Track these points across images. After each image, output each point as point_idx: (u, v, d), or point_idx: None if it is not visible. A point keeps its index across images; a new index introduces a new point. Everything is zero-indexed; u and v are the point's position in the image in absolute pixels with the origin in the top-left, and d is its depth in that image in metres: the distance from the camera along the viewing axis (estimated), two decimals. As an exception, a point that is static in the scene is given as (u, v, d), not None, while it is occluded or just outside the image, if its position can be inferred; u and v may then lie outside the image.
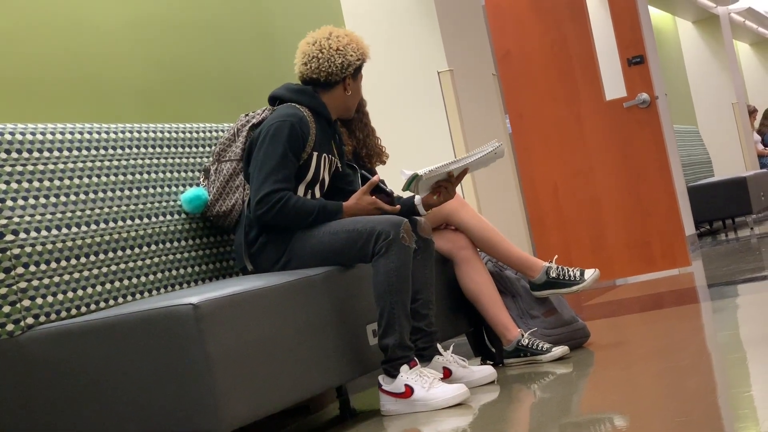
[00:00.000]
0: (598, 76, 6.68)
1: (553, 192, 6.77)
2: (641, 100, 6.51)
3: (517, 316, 3.94)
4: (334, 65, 3.53)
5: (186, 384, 2.66)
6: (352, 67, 3.57)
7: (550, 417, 2.86)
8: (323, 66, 3.54)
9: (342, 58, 3.54)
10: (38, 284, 2.89)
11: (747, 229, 9.50)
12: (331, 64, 3.53)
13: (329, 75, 3.55)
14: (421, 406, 3.19)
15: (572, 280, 3.88)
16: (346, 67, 3.56)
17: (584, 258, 6.60)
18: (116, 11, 3.88)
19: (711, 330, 4.09)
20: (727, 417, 2.53)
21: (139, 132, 3.52)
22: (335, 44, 3.55)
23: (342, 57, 3.54)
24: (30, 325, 2.85)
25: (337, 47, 3.54)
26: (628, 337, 4.17)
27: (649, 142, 6.50)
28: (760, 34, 16.05)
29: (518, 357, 3.84)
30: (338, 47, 3.55)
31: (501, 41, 6.85)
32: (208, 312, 2.69)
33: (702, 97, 12.07)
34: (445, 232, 3.98)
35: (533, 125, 6.81)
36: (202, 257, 3.58)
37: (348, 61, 3.55)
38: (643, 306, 5.27)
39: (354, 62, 3.57)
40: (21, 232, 2.89)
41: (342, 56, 3.54)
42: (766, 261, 6.29)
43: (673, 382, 3.03)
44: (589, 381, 3.44)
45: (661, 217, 6.54)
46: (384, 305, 3.21)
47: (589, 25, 6.69)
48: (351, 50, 3.56)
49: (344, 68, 3.55)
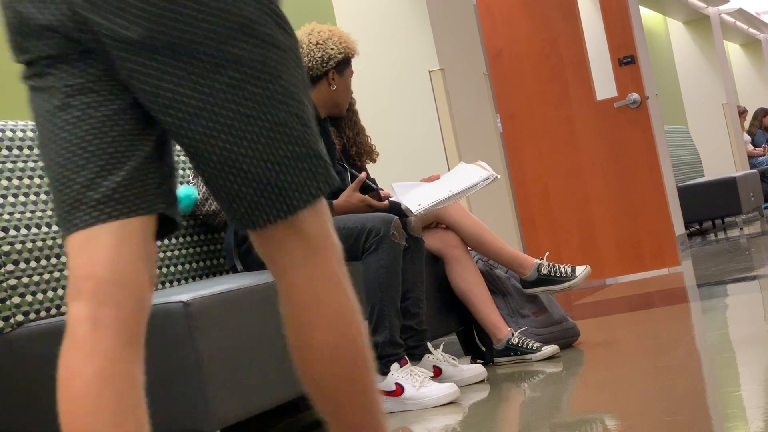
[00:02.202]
0: (589, 76, 6.69)
1: (544, 191, 6.78)
2: (632, 100, 6.52)
3: (507, 315, 3.94)
4: (314, 59, 3.54)
5: (175, 382, 2.66)
6: (334, 60, 3.57)
7: (539, 416, 2.86)
8: (303, 61, 3.54)
9: (322, 51, 3.54)
10: (28, 281, 2.89)
11: (737, 229, 9.52)
12: (311, 59, 3.54)
13: (310, 69, 3.55)
14: (412, 404, 3.19)
15: (564, 276, 3.88)
16: (327, 61, 3.55)
17: (574, 258, 6.60)
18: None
19: (700, 330, 4.10)
20: (716, 416, 2.54)
21: (129, 129, 3.51)
22: (315, 38, 3.56)
23: (322, 51, 3.54)
24: (20, 323, 2.85)
25: (317, 41, 3.55)
26: (617, 337, 4.17)
27: (640, 142, 6.51)
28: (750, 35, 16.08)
29: (508, 356, 3.84)
30: (318, 41, 3.55)
31: (492, 41, 6.85)
32: (198, 310, 2.69)
33: (692, 98, 12.10)
34: (436, 230, 3.98)
35: (524, 125, 6.82)
36: (192, 255, 3.57)
37: (328, 55, 3.55)
38: (633, 305, 5.28)
39: (335, 56, 3.56)
40: (11, 229, 2.88)
41: (322, 50, 3.54)
42: (755, 261, 6.31)
43: (663, 381, 3.03)
44: (579, 380, 3.44)
45: (651, 216, 6.55)
46: (374, 302, 3.21)
47: (580, 25, 6.70)
48: (332, 44, 3.56)
49: (325, 62, 3.55)
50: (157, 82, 1.42)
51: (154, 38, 1.41)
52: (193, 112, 1.43)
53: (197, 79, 1.43)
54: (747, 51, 16.68)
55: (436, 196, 3.51)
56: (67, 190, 1.44)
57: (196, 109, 1.43)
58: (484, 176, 3.60)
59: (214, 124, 1.43)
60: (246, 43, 1.44)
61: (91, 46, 1.44)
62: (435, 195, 3.53)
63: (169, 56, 1.42)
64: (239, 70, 1.44)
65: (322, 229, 1.55)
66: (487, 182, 3.60)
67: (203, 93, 1.43)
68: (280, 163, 1.47)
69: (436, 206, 3.51)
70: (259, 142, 1.45)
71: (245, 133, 1.44)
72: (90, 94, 1.44)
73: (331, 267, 1.57)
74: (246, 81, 1.44)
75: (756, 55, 16.68)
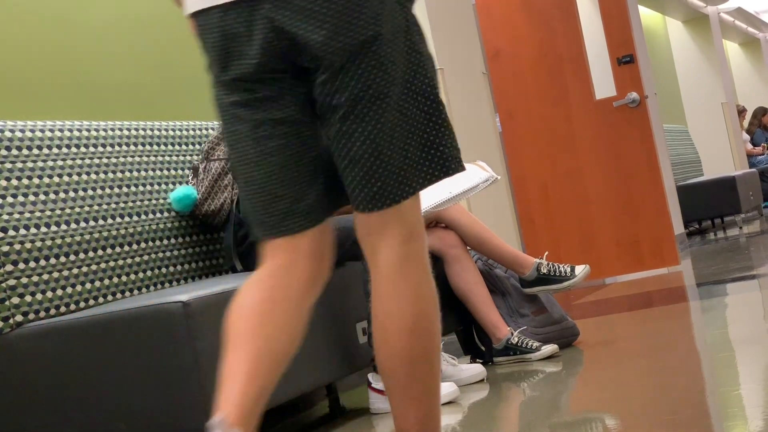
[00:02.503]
0: (587, 75, 6.69)
1: (543, 191, 6.78)
2: (631, 99, 6.52)
3: (506, 315, 3.94)
4: None
5: (175, 382, 2.66)
6: None
7: (539, 415, 2.86)
8: None
9: None
10: (27, 281, 2.88)
11: (736, 229, 9.53)
12: None
13: None
14: (411, 404, 3.18)
15: (563, 275, 3.88)
16: None
17: (573, 257, 6.61)
18: (106, 8, 3.86)
19: (700, 329, 4.10)
20: (716, 415, 2.54)
21: (128, 129, 3.51)
22: None
23: None
24: (19, 323, 2.84)
25: None
26: (617, 336, 4.17)
27: (639, 141, 6.51)
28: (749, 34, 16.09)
29: (508, 355, 3.84)
30: None
31: (491, 40, 6.85)
32: (197, 310, 2.69)
33: (691, 97, 12.10)
34: (436, 229, 3.98)
35: (523, 124, 6.82)
36: (191, 255, 3.57)
37: None
38: (632, 305, 5.28)
39: None
40: (10, 229, 2.88)
41: None
42: (754, 260, 6.31)
43: (662, 380, 3.03)
44: (578, 379, 3.44)
45: (650, 216, 6.55)
46: (374, 303, 3.21)
47: (579, 24, 6.70)
48: None
49: None
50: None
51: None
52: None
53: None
54: (746, 50, 16.69)
55: (435, 199, 3.52)
56: (278, 201, 1.81)
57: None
58: (484, 178, 3.60)
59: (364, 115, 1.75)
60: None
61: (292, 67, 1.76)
62: (435, 197, 3.53)
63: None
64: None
65: (418, 217, 1.84)
66: (487, 184, 3.60)
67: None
68: (409, 152, 1.78)
69: (436, 208, 3.51)
70: (396, 132, 1.76)
71: (388, 123, 1.75)
72: (286, 124, 1.78)
73: (422, 251, 1.85)
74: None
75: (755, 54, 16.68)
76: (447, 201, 3.53)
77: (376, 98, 1.73)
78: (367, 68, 1.72)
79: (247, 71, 1.76)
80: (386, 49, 1.73)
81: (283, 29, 1.70)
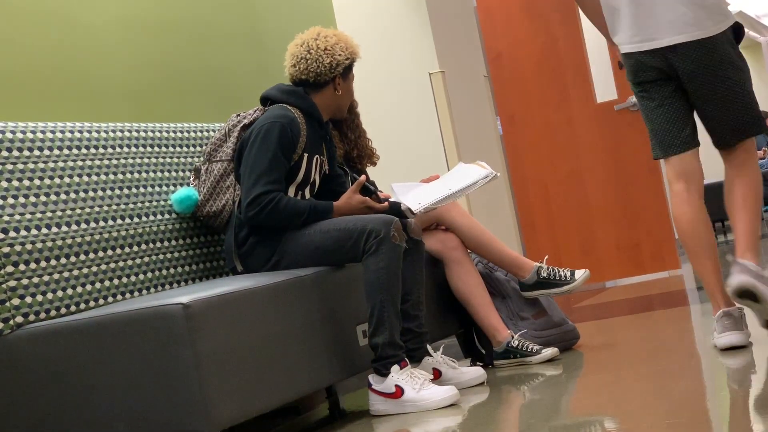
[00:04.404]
0: (589, 78, 6.69)
1: (544, 194, 6.78)
2: (632, 102, 6.52)
3: (506, 318, 3.94)
4: (322, 65, 3.53)
5: (175, 384, 2.66)
6: (341, 66, 3.57)
7: (539, 419, 2.86)
8: (312, 67, 3.54)
9: (330, 57, 3.54)
10: (28, 283, 2.89)
11: (736, 232, 9.51)
12: (320, 65, 3.53)
13: (318, 75, 3.55)
14: (411, 407, 3.18)
15: (563, 280, 3.88)
16: (335, 67, 3.55)
17: (574, 260, 6.61)
18: (107, 9, 3.87)
19: (700, 333, 4.10)
20: (716, 419, 2.54)
21: (129, 131, 3.51)
22: (323, 44, 3.55)
23: (330, 57, 3.54)
24: (19, 324, 2.85)
25: (325, 47, 3.54)
26: (617, 340, 4.17)
27: (640, 144, 6.51)
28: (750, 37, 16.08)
29: (508, 358, 3.84)
30: (326, 47, 3.55)
31: (492, 43, 6.86)
32: (198, 312, 2.69)
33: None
34: (436, 232, 3.98)
35: (524, 127, 6.82)
36: (192, 257, 3.58)
37: (337, 61, 3.55)
38: (633, 308, 5.28)
39: (343, 61, 3.56)
40: (10, 230, 2.88)
41: (330, 56, 3.54)
42: (755, 264, 6.30)
43: (662, 384, 3.03)
44: (579, 383, 3.44)
45: (650, 219, 6.55)
46: (374, 303, 3.21)
47: (580, 27, 6.71)
48: (339, 50, 3.56)
49: (333, 68, 3.55)
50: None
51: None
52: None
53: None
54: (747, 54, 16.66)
55: (435, 195, 3.52)
56: (672, 137, 3.49)
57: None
58: (484, 174, 3.60)
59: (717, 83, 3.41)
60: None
61: (672, 74, 3.42)
62: (435, 194, 3.53)
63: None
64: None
65: (750, 152, 3.50)
66: (486, 180, 3.60)
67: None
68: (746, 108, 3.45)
69: (436, 205, 3.51)
70: (737, 96, 3.43)
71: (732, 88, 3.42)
72: (671, 98, 3.46)
73: (756, 164, 3.53)
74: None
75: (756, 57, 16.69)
76: (446, 198, 3.51)
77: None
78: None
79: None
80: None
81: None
